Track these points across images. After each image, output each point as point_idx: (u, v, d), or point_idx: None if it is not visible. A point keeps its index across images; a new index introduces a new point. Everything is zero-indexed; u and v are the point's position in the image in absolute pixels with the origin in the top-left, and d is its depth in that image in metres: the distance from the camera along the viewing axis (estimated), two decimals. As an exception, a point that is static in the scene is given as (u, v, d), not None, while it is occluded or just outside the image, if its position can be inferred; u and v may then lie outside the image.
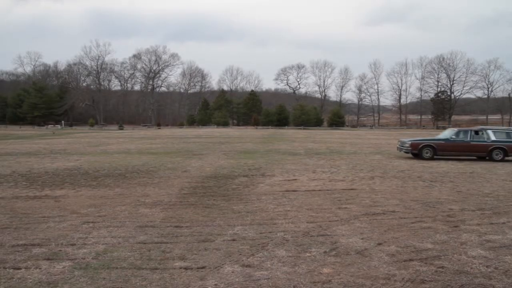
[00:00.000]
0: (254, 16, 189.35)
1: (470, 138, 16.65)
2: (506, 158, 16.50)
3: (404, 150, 17.46)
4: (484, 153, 16.50)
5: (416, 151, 16.85)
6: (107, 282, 4.27)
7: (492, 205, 8.05)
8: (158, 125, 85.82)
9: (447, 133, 17.71)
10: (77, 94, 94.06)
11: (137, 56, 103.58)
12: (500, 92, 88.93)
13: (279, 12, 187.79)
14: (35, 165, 14.42)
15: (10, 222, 6.68)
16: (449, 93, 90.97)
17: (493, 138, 16.51)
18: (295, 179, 11.24)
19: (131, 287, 4.16)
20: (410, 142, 17.17)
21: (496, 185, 10.39)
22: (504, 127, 21.21)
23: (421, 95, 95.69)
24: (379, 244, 5.56)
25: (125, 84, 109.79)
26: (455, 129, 17.59)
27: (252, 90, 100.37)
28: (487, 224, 6.62)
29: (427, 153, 16.54)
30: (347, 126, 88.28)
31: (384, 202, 8.25)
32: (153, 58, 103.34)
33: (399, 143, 18.25)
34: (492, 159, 16.30)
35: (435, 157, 16.75)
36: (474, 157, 16.96)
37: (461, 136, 16.86)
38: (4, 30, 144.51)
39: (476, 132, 16.95)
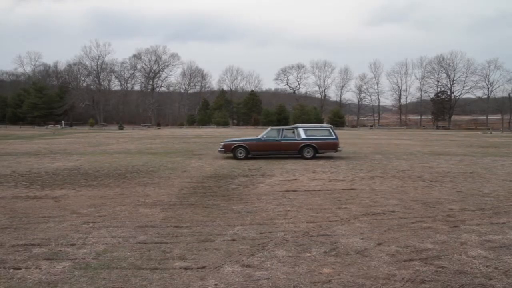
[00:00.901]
0: (255, 16, 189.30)
1: (281, 137, 16.85)
2: (317, 155, 16.91)
3: (220, 151, 17.28)
4: (294, 151, 16.77)
5: (230, 152, 16.86)
6: (107, 282, 4.28)
7: (492, 205, 8.05)
8: (158, 125, 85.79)
9: (264, 133, 17.61)
10: (77, 94, 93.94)
11: (137, 56, 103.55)
12: (500, 92, 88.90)
13: (279, 12, 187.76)
14: (35, 165, 14.42)
15: (10, 222, 6.69)
16: (449, 93, 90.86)
17: (303, 136, 16.76)
18: (295, 179, 11.24)
19: (131, 287, 4.17)
20: (223, 143, 17.23)
21: (496, 185, 10.38)
22: (316, 125, 21.22)
23: (421, 95, 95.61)
24: (379, 244, 5.56)
25: (125, 84, 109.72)
26: (270, 128, 17.72)
27: (252, 90, 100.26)
28: (487, 224, 6.62)
29: (240, 153, 16.67)
30: (347, 126, 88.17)
31: (384, 202, 8.26)
32: (153, 58, 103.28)
33: (220, 144, 17.85)
34: (303, 157, 16.60)
35: (249, 156, 16.85)
36: (287, 155, 17.07)
37: (273, 135, 17.04)
38: (5, 30, 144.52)
39: (289, 131, 17.20)
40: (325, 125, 18.87)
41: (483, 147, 24.42)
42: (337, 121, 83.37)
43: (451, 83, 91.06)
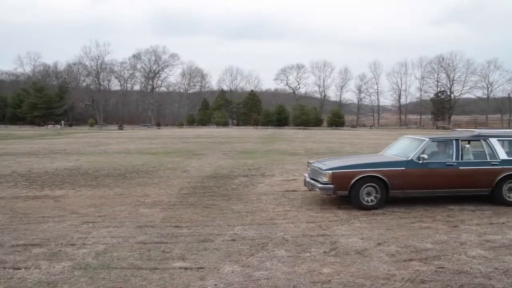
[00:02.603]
0: (256, 16, 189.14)
1: (457, 156, 7.94)
2: None
3: (323, 189, 7.70)
4: (484, 189, 8.00)
5: (347, 192, 7.58)
6: (106, 282, 4.27)
7: (492, 205, 8.04)
8: (158, 125, 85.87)
9: (404, 147, 8.62)
10: (77, 94, 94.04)
11: (136, 56, 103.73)
12: (500, 92, 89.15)
13: (279, 12, 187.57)
14: (35, 165, 14.41)
15: (10, 222, 6.68)
16: (449, 93, 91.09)
17: (502, 154, 8.04)
18: (295, 179, 11.23)
19: (131, 287, 4.16)
20: (330, 171, 7.59)
21: (496, 185, 10.37)
22: None
23: (420, 95, 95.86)
24: (379, 244, 5.57)
25: (125, 84, 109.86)
26: (425, 139, 8.19)
27: (251, 90, 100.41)
28: (486, 224, 6.62)
29: (369, 195, 7.57)
30: (347, 126, 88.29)
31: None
32: (153, 58, 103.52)
33: (309, 170, 8.72)
34: (501, 201, 7.94)
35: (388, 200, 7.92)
36: (466, 194, 8.19)
37: (440, 152, 8.35)
38: (5, 30, 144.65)
39: (469, 144, 8.37)
40: None
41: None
42: (337, 121, 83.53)
43: (451, 83, 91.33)
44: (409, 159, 7.76)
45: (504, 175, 7.86)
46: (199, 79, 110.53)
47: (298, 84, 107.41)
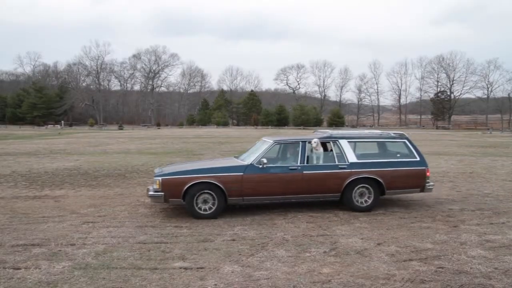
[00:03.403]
0: (255, 16, 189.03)
1: (301, 160, 7.38)
2: (382, 196, 7.73)
3: (153, 197, 7.06)
4: (333, 194, 7.45)
5: (180, 199, 6.97)
6: (106, 282, 4.27)
7: (492, 205, 8.05)
8: (158, 125, 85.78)
9: (254, 151, 7.98)
10: (77, 94, 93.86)
11: (136, 56, 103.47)
12: (500, 92, 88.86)
13: (279, 12, 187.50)
14: (35, 165, 14.41)
15: (9, 222, 6.68)
16: (448, 93, 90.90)
17: (351, 157, 7.54)
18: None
19: (131, 287, 4.16)
20: (160, 177, 7.02)
21: (496, 185, 10.39)
22: (374, 132, 8.47)
23: (420, 95, 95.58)
24: (379, 244, 5.57)
25: (125, 84, 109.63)
26: (272, 142, 7.64)
27: (251, 90, 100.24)
28: (487, 224, 6.62)
29: (206, 203, 6.97)
30: (347, 126, 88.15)
31: (384, 202, 8.25)
32: (153, 58, 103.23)
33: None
34: (352, 207, 7.46)
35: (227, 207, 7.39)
36: (315, 200, 7.64)
37: (283, 155, 7.88)
38: (5, 30, 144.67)
39: (323, 145, 7.88)
40: (391, 132, 8.44)
41: (482, 147, 24.43)
42: (337, 121, 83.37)
43: (451, 83, 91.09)
44: (249, 163, 7.19)
45: (352, 179, 7.35)
46: (199, 79, 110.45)
47: (298, 84, 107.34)
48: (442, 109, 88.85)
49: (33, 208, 7.78)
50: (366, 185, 7.46)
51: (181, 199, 6.95)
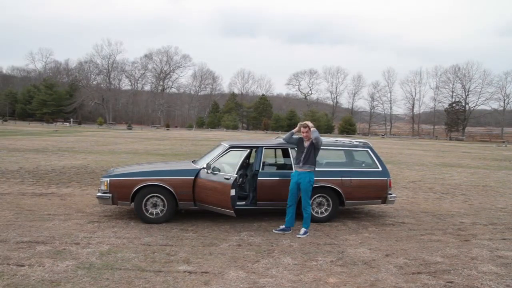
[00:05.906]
0: (258, 17, 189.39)
1: (258, 165, 7.13)
2: (341, 207, 7.46)
3: (100, 199, 6.89)
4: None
5: (129, 202, 6.80)
6: (110, 282, 4.22)
7: (505, 220, 7.89)
8: (167, 126, 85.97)
9: (213, 153, 7.48)
10: (87, 92, 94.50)
11: (148, 56, 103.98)
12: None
13: (293, 16, 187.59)
14: (42, 162, 14.47)
15: (15, 219, 6.67)
16: (463, 104, 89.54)
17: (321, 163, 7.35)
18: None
19: (134, 289, 4.10)
20: (107, 178, 6.90)
21: (510, 200, 10.20)
22: (332, 140, 8.24)
23: (435, 105, 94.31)
24: (387, 255, 5.45)
25: (135, 84, 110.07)
26: (228, 146, 7.17)
27: (263, 94, 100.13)
28: (499, 239, 6.47)
29: (156, 206, 6.75)
30: (359, 134, 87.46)
31: (394, 213, 8.13)
32: (165, 58, 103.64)
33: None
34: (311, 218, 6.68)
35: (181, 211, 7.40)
36: (267, 209, 7.46)
37: (234, 160, 7.00)
38: (18, 25, 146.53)
39: (272, 150, 8.20)
40: (354, 140, 8.17)
41: (497, 160, 24.04)
42: (348, 128, 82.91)
43: (466, 93, 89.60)
44: (201, 168, 6.83)
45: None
46: (210, 81, 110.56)
47: (310, 89, 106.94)
48: (456, 120, 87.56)
49: (39, 205, 7.77)
50: (324, 195, 7.14)
51: (129, 202, 6.71)
